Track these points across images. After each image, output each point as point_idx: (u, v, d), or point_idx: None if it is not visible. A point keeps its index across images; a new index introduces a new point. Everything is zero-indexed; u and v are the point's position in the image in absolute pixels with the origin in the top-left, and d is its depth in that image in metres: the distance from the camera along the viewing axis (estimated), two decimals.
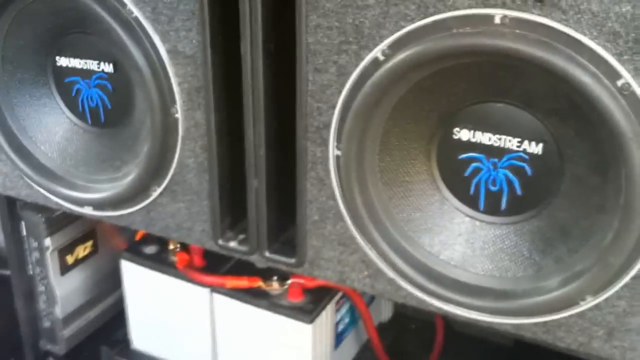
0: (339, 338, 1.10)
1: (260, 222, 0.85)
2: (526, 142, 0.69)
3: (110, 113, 0.93)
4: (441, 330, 1.18)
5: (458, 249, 0.76)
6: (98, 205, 0.94)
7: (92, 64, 0.90)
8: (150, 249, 1.15)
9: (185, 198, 0.88)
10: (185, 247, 1.11)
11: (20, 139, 0.96)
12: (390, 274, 0.79)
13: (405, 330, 1.24)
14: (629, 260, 0.66)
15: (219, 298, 1.08)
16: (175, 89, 0.81)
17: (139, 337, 1.20)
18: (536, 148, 0.69)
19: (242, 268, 1.06)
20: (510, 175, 0.72)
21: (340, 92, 0.73)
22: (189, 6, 0.77)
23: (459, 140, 0.73)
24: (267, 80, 0.77)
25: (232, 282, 1.06)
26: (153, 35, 0.80)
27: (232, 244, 0.88)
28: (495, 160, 0.72)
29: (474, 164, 0.73)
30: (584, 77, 0.60)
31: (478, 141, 0.72)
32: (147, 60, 0.80)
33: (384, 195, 0.76)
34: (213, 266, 1.09)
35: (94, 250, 1.24)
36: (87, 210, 0.96)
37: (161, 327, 1.16)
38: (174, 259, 1.11)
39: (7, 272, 1.23)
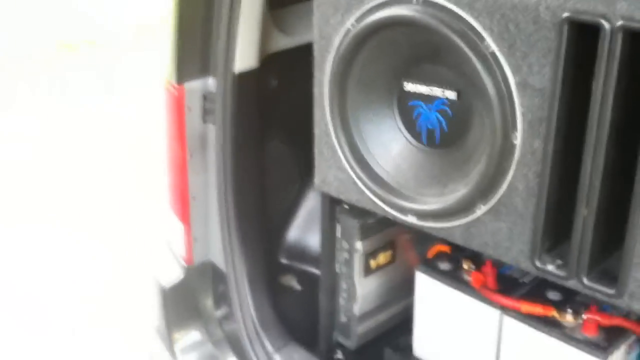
0: None
1: (583, 249, 0.89)
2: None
3: (445, 136, 1.04)
4: None
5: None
6: (421, 215, 1.06)
7: (437, 91, 1.02)
8: (444, 266, 1.24)
9: (509, 219, 0.96)
10: (479, 268, 1.19)
11: (362, 151, 1.11)
12: None
13: None
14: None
15: (509, 321, 1.13)
16: (519, 117, 0.90)
17: (422, 345, 1.29)
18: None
19: (536, 296, 1.11)
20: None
21: None
22: (546, 44, 0.85)
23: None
24: (615, 115, 0.82)
25: (527, 307, 1.11)
26: (506, 68, 0.89)
27: (550, 267, 0.93)
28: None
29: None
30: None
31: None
32: (496, 90, 0.90)
33: None
34: (506, 289, 1.15)
35: (392, 260, 1.37)
36: (411, 219, 1.07)
37: (445, 340, 1.24)
38: (469, 278, 1.19)
39: (315, 270, 1.41)
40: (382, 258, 1.36)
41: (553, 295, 1.13)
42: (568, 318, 1.08)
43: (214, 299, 1.50)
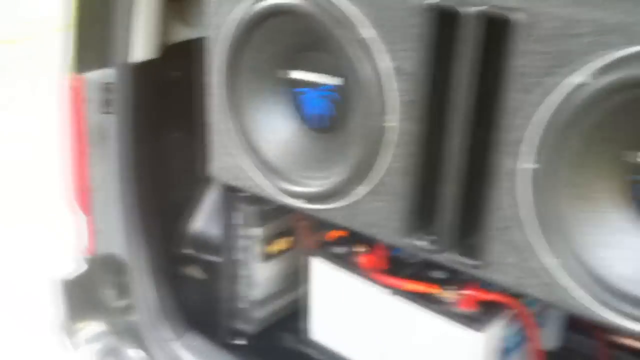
0: (506, 354, 1.15)
1: (448, 224, 0.95)
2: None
3: (329, 120, 1.09)
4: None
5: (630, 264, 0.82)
6: (309, 198, 1.10)
7: (321, 77, 1.06)
8: (338, 250, 1.29)
9: (385, 198, 1.01)
10: (371, 251, 1.24)
11: (252, 138, 1.14)
12: (566, 282, 0.86)
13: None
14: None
15: (396, 300, 1.18)
16: (393, 101, 0.95)
17: (318, 328, 1.34)
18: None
19: (420, 276, 1.17)
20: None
21: (541, 110, 0.82)
22: (415, 30, 0.91)
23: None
24: (471, 96, 0.88)
25: (410, 285, 1.17)
26: (379, 54, 0.95)
27: (422, 243, 0.99)
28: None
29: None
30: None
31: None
32: (370, 75, 0.95)
33: (571, 208, 0.84)
34: (394, 271, 1.21)
35: (291, 246, 1.41)
36: (300, 203, 1.12)
37: (340, 321, 1.29)
38: (360, 260, 1.24)
39: (215, 259, 1.43)
40: (281, 244, 1.40)
41: (438, 274, 1.19)
42: (449, 295, 1.14)
43: (116, 290, 1.50)
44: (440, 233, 0.97)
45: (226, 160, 1.20)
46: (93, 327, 1.50)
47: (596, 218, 0.85)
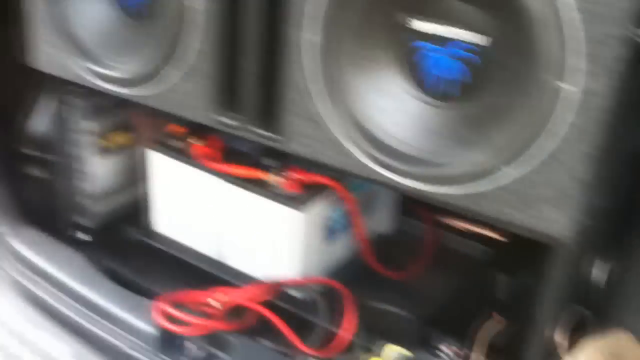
0: (331, 235, 1.22)
1: (250, 100, 0.99)
2: (468, 32, 0.81)
3: (144, 7, 1.09)
4: (430, 242, 1.29)
5: (408, 127, 0.88)
6: (121, 82, 1.11)
7: None
8: (173, 142, 1.30)
9: (192, 78, 1.03)
10: (203, 142, 1.27)
11: (68, 24, 1.13)
12: (351, 148, 0.92)
13: (401, 244, 1.34)
14: (540, 136, 0.77)
15: (226, 185, 1.22)
16: None
17: (159, 219, 1.37)
18: (477, 38, 0.80)
19: (253, 163, 1.20)
20: (456, 63, 0.83)
21: None
22: None
23: (413, 29, 0.85)
24: None
25: (237, 170, 1.21)
26: None
27: (227, 120, 1.03)
28: (443, 49, 0.83)
29: (425, 52, 0.85)
30: None
31: (428, 31, 0.83)
32: None
33: (346, 76, 0.89)
34: (226, 159, 1.24)
35: (130, 141, 1.42)
36: (113, 87, 1.12)
37: (177, 212, 1.32)
38: (196, 151, 1.27)
39: (54, 158, 1.41)
40: (119, 139, 1.40)
41: (268, 161, 1.23)
42: (275, 178, 1.19)
43: None
44: (243, 109, 1.01)
45: (47, 50, 1.18)
46: None
47: (377, 86, 0.90)
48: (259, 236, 1.20)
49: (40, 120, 1.41)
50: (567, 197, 0.78)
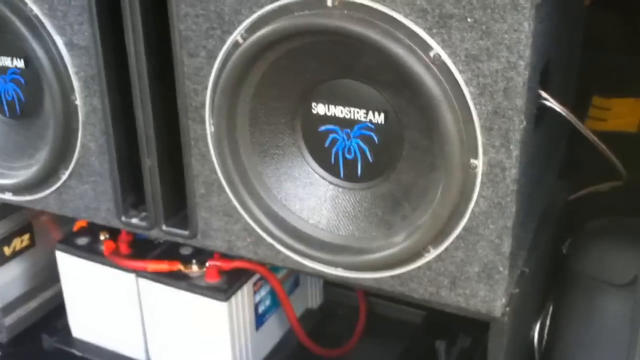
0: (259, 319, 1.17)
1: (156, 198, 0.93)
2: (370, 112, 0.78)
3: (24, 105, 1.01)
4: (364, 313, 1.25)
5: (324, 213, 0.84)
6: (16, 190, 1.03)
7: (6, 60, 0.99)
8: (82, 240, 1.22)
9: (90, 179, 0.97)
10: (113, 237, 1.20)
11: None
12: (269, 239, 0.87)
13: (332, 316, 1.31)
14: (457, 213, 0.74)
15: (143, 282, 1.15)
16: (73, 77, 0.90)
17: (77, 325, 1.27)
18: (379, 117, 0.78)
19: (168, 255, 1.14)
20: (362, 143, 0.80)
21: (210, 73, 0.82)
22: (79, 2, 0.86)
23: (317, 114, 0.81)
24: (151, 66, 0.86)
25: (153, 265, 1.14)
26: (51, 29, 0.89)
27: (134, 221, 0.96)
28: (348, 130, 0.81)
29: (331, 135, 0.82)
30: (399, 50, 0.69)
31: (333, 114, 0.80)
32: (46, 53, 0.89)
33: (257, 167, 0.85)
34: (139, 253, 1.17)
35: (32, 244, 1.32)
36: (8, 196, 1.04)
37: (96, 315, 1.23)
38: (103, 248, 1.19)
39: None
40: (18, 243, 1.30)
41: (185, 250, 1.17)
42: (194, 269, 1.13)
43: None
44: (149, 208, 0.95)
45: None
46: None
47: (288, 172, 0.86)
48: (185, 331, 1.13)
49: None
50: (492, 270, 0.76)
